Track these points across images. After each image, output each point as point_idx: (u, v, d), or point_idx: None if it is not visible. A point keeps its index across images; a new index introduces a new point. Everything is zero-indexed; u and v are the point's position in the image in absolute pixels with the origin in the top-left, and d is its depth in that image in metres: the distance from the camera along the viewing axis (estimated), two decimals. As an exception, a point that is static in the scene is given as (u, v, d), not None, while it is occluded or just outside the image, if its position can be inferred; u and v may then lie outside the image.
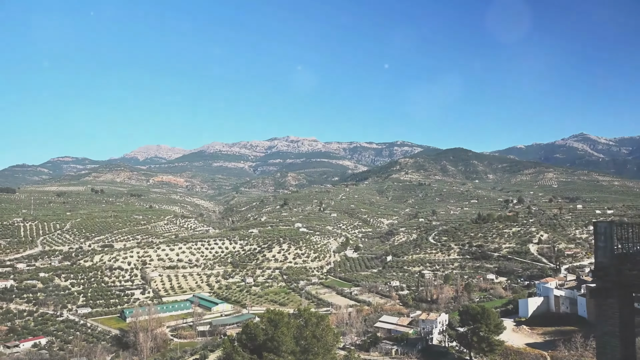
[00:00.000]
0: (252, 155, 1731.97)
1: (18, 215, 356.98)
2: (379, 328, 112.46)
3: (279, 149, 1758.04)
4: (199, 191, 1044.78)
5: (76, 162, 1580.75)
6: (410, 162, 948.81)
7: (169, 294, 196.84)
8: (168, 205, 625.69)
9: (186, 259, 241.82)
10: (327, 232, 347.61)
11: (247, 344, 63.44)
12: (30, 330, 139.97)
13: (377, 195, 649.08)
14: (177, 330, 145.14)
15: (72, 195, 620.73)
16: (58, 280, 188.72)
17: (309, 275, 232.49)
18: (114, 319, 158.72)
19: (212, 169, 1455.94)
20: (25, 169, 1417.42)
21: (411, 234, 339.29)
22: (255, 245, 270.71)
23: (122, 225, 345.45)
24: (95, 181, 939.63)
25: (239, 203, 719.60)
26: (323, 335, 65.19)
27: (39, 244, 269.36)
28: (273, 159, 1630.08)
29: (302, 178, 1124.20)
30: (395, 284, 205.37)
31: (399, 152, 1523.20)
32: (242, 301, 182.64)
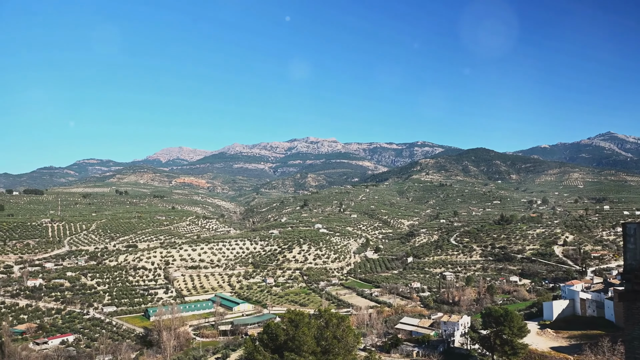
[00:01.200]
0: (272, 156, 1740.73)
1: (46, 216, 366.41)
2: (400, 329, 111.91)
3: (299, 150, 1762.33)
4: (220, 192, 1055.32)
5: (101, 164, 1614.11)
6: (431, 163, 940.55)
7: (191, 294, 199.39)
8: (190, 206, 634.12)
9: (208, 259, 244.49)
10: (347, 233, 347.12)
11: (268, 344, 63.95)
12: (58, 327, 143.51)
13: (398, 196, 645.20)
14: (200, 329, 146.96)
15: (98, 196, 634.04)
16: (84, 280, 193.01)
17: (329, 276, 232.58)
18: (138, 318, 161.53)
19: (233, 170, 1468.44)
20: (52, 171, 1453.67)
21: (432, 235, 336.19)
22: (276, 245, 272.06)
23: (146, 225, 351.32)
24: (120, 183, 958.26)
25: (259, 204, 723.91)
26: (344, 336, 65.27)
27: (66, 244, 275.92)
28: (293, 160, 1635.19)
29: (322, 179, 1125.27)
30: (416, 285, 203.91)
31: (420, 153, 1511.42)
32: (263, 301, 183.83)
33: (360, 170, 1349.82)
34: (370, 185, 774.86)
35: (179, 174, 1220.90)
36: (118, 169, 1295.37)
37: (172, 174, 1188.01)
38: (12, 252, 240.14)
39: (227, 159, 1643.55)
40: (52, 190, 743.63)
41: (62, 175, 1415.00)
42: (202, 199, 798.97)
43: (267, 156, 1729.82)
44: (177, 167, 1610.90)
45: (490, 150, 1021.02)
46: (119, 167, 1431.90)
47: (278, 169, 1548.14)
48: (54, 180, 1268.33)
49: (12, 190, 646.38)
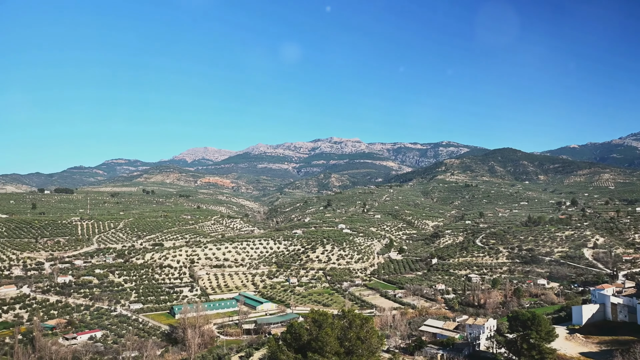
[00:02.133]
0: (296, 156, 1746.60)
1: (76, 214, 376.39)
2: (424, 332, 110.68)
3: (323, 150, 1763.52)
4: (244, 192, 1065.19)
5: (129, 164, 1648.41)
6: (456, 163, 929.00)
7: (215, 292, 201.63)
8: (215, 206, 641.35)
9: (232, 259, 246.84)
10: (371, 234, 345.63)
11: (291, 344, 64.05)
12: (87, 323, 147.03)
13: (422, 197, 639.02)
14: (224, 327, 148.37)
15: (125, 195, 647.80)
16: (112, 277, 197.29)
17: (353, 276, 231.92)
18: (164, 315, 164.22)
19: (257, 170, 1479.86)
20: (82, 171, 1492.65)
21: (457, 237, 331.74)
22: (299, 245, 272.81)
23: (172, 224, 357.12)
24: (147, 182, 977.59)
25: (283, 204, 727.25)
26: (367, 337, 64.87)
27: (95, 241, 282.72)
28: (316, 160, 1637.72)
29: (345, 179, 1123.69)
30: (440, 287, 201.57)
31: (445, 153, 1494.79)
32: (286, 301, 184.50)
33: (384, 170, 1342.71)
34: (394, 185, 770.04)
35: (204, 174, 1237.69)
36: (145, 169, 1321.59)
37: (197, 174, 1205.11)
38: (43, 250, 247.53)
39: (252, 159, 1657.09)
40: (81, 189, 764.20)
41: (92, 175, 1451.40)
42: (226, 198, 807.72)
43: (290, 156, 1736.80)
44: (203, 167, 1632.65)
45: (517, 150, 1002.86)
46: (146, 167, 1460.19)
47: (302, 169, 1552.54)
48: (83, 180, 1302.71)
49: (44, 189, 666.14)
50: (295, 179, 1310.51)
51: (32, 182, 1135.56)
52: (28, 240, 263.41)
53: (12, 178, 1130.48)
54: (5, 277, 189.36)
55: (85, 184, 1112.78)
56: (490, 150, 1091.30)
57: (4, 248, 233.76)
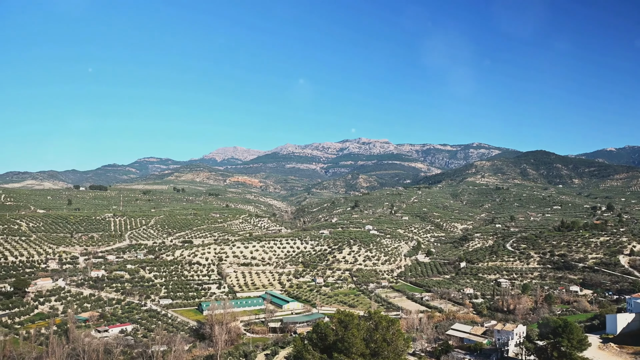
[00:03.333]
0: (324, 156, 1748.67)
1: (109, 210, 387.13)
2: (451, 336, 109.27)
3: (351, 150, 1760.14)
4: (272, 191, 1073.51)
5: (160, 163, 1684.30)
6: (487, 165, 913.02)
7: (242, 290, 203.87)
8: (243, 205, 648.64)
9: (259, 257, 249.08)
10: (398, 235, 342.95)
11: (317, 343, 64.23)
12: (118, 317, 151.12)
13: (451, 199, 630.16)
14: (250, 325, 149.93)
15: (157, 193, 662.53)
16: (143, 272, 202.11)
17: (379, 278, 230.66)
18: (192, 311, 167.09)
19: (285, 170, 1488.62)
20: (115, 169, 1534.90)
21: (487, 240, 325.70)
22: (326, 246, 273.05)
23: (201, 222, 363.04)
24: (177, 180, 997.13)
25: (310, 204, 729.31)
26: (393, 340, 64.48)
27: (127, 238, 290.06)
28: (344, 160, 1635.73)
29: (373, 180, 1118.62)
30: (468, 291, 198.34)
31: (475, 155, 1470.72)
32: (312, 300, 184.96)
33: (412, 171, 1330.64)
34: (422, 187, 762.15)
35: (233, 173, 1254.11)
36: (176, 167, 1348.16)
37: (226, 173, 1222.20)
38: (78, 244, 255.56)
39: (280, 159, 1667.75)
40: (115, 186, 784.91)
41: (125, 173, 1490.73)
42: (254, 197, 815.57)
43: (318, 156, 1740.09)
44: (232, 166, 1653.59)
45: (551, 152, 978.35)
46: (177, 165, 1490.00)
47: (329, 170, 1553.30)
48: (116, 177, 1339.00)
49: (79, 186, 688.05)
50: (322, 179, 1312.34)
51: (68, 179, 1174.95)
52: (64, 235, 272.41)
53: (49, 175, 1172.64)
54: (42, 270, 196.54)
55: (119, 182, 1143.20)
56: (523, 153, 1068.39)
57: (42, 242, 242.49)
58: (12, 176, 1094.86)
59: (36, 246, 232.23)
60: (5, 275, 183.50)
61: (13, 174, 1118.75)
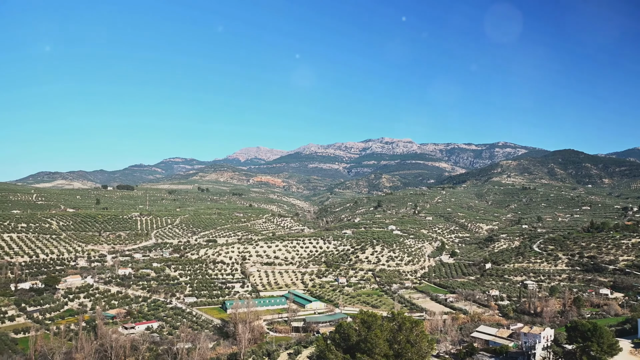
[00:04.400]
0: (347, 156, 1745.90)
1: (136, 210, 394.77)
2: (476, 338, 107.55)
3: (373, 150, 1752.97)
4: (294, 191, 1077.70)
5: (185, 163, 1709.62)
6: (513, 165, 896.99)
7: (265, 289, 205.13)
8: (266, 204, 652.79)
9: (282, 257, 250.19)
10: (422, 236, 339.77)
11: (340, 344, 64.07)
12: (144, 314, 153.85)
13: (476, 199, 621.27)
14: (273, 324, 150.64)
15: (182, 193, 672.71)
16: (168, 271, 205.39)
17: (402, 278, 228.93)
18: (216, 309, 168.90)
19: (308, 170, 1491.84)
20: (142, 169, 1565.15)
21: (513, 241, 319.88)
22: (349, 246, 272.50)
23: (225, 222, 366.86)
24: (202, 180, 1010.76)
25: (333, 204, 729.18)
26: (417, 341, 63.80)
27: (153, 236, 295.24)
28: (367, 160, 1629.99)
29: (396, 180, 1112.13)
30: (494, 293, 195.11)
31: (501, 154, 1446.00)
32: (335, 300, 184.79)
33: (436, 171, 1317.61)
34: (446, 187, 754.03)
35: (257, 173, 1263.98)
36: (200, 167, 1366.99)
37: (250, 173, 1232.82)
38: (106, 243, 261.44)
39: (302, 159, 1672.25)
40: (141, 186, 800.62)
41: (151, 173, 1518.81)
42: (277, 197, 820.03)
43: (341, 156, 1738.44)
44: (255, 166, 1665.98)
45: (580, 152, 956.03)
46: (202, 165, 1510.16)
47: (352, 169, 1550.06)
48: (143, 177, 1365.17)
49: (107, 186, 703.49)
50: (345, 179, 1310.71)
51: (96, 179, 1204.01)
52: (92, 233, 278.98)
53: (78, 175, 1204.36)
54: (71, 268, 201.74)
55: (145, 181, 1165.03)
56: (550, 152, 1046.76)
57: (71, 240, 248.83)
58: (43, 176, 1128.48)
59: (66, 244, 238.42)
60: (37, 272, 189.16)
61: (44, 174, 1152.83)
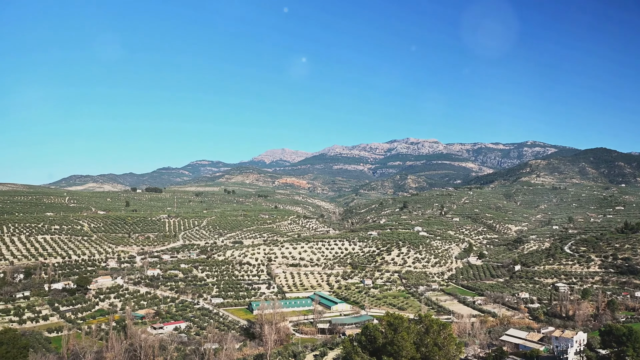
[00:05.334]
0: (372, 157, 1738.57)
1: (164, 212, 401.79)
2: (505, 342, 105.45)
3: (399, 151, 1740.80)
4: (320, 193, 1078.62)
5: (211, 165, 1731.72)
6: (542, 164, 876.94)
7: (291, 291, 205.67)
8: (291, 206, 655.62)
9: (308, 258, 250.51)
10: (449, 237, 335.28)
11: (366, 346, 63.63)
12: (172, 314, 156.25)
13: (504, 200, 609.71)
14: (299, 325, 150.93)
15: (208, 195, 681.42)
16: (196, 272, 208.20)
17: (429, 280, 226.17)
18: (243, 310, 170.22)
19: (333, 171, 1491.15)
20: (169, 171, 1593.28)
21: (543, 243, 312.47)
22: (374, 247, 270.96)
23: (251, 223, 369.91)
24: (228, 182, 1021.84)
25: (358, 205, 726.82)
26: (445, 344, 62.83)
27: (181, 238, 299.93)
28: (392, 161, 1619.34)
29: (422, 181, 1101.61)
30: (524, 295, 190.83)
31: (530, 153, 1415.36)
32: (361, 302, 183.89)
33: (463, 171, 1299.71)
34: (474, 187, 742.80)
35: (282, 175, 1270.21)
36: (226, 170, 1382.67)
37: (275, 175, 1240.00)
38: (135, 244, 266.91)
39: (327, 160, 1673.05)
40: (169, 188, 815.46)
41: (178, 175, 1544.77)
42: (302, 199, 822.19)
43: (366, 157, 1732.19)
44: (280, 168, 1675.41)
45: (612, 150, 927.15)
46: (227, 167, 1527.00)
47: (377, 170, 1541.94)
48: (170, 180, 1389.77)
49: (136, 188, 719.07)
50: (370, 180, 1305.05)
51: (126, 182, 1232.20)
52: (122, 235, 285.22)
53: (109, 178, 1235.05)
54: (102, 269, 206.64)
55: (173, 184, 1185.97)
56: (581, 151, 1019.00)
57: (102, 242, 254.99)
58: (75, 179, 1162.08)
59: (97, 246, 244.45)
60: (69, 273, 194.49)
61: (76, 177, 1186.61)
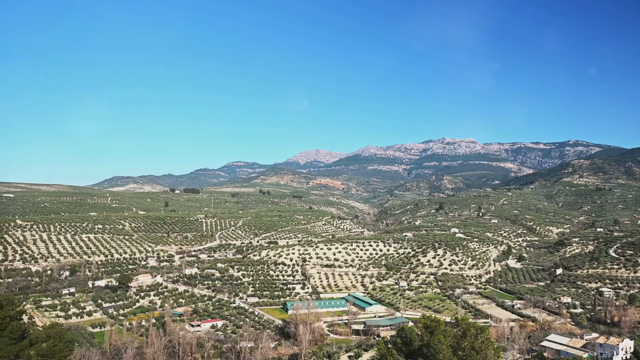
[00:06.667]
0: (406, 158, 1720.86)
1: (201, 212, 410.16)
2: (546, 347, 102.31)
3: (434, 151, 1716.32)
4: (354, 194, 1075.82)
5: (247, 166, 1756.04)
6: (585, 164, 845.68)
7: (325, 291, 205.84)
8: (326, 207, 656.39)
9: (342, 259, 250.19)
10: (487, 239, 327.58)
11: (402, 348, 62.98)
12: (209, 313, 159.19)
13: (545, 201, 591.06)
14: (333, 326, 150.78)
15: (244, 195, 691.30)
16: (232, 271, 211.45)
17: (466, 283, 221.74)
18: (278, 310, 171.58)
19: (367, 172, 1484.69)
20: (206, 173, 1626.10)
21: (586, 246, 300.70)
22: (410, 249, 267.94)
23: (285, 224, 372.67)
24: (263, 183, 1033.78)
25: (393, 206, 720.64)
26: (482, 348, 61.46)
27: (217, 238, 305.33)
28: (428, 161, 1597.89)
29: (458, 181, 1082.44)
30: (566, 300, 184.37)
31: (572, 153, 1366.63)
32: (396, 304, 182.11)
33: (501, 172, 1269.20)
34: (512, 188, 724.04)
35: (316, 176, 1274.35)
36: (262, 171, 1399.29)
37: (309, 176, 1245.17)
38: (173, 243, 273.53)
39: (361, 161, 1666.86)
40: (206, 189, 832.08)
41: (215, 176, 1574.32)
42: (337, 199, 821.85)
43: (401, 158, 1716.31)
44: (314, 169, 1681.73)
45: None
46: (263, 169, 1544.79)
47: (412, 171, 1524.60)
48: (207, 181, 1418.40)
49: (175, 189, 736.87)
50: (405, 180, 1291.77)
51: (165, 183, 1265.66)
52: (161, 234, 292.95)
53: (149, 179, 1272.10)
54: (142, 267, 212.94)
55: (209, 185, 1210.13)
56: (627, 150, 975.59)
57: (142, 241, 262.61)
58: (117, 180, 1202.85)
59: (138, 245, 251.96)
60: (111, 270, 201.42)
61: (118, 179, 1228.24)
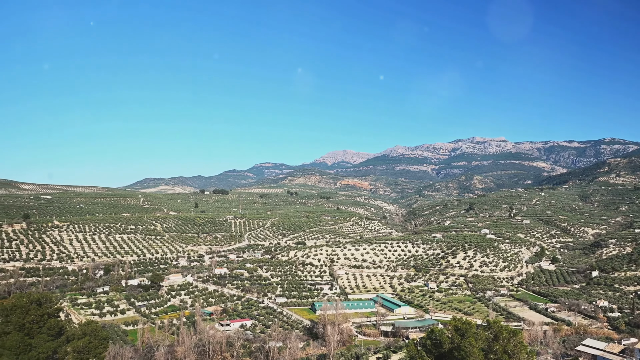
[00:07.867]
0: (435, 158, 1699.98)
1: (230, 213, 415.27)
2: (581, 352, 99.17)
3: (464, 150, 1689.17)
4: (382, 194, 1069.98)
5: (275, 167, 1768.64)
6: (622, 163, 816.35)
7: (353, 292, 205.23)
8: (353, 207, 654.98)
9: (370, 260, 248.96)
10: (519, 240, 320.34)
11: (431, 350, 62.03)
12: (238, 312, 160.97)
13: (580, 201, 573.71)
14: (361, 327, 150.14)
15: (272, 196, 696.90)
16: (260, 271, 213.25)
17: (497, 285, 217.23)
18: (306, 310, 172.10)
19: (395, 172, 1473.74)
20: (235, 174, 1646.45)
21: (624, 247, 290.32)
22: (439, 250, 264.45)
23: (313, 224, 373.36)
24: (290, 184, 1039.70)
25: (421, 206, 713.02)
26: (515, 352, 59.91)
27: (246, 238, 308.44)
28: (457, 161, 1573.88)
29: (489, 181, 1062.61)
30: (602, 303, 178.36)
31: (608, 151, 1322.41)
32: (425, 306, 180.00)
33: (533, 171, 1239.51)
34: (545, 188, 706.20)
35: (343, 176, 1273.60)
36: (289, 172, 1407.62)
37: (336, 176, 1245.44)
38: (203, 244, 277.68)
39: (389, 161, 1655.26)
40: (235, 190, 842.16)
41: (243, 177, 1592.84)
42: (364, 200, 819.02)
43: (429, 158, 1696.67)
44: (342, 169, 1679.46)
45: None
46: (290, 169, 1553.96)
47: (441, 171, 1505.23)
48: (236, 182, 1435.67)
49: (204, 190, 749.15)
50: (434, 181, 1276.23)
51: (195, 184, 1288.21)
52: (191, 235, 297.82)
53: (179, 180, 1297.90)
54: (173, 267, 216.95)
55: (238, 186, 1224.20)
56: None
57: (173, 241, 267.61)
58: (148, 182, 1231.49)
59: (169, 245, 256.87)
60: (144, 270, 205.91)
61: (149, 180, 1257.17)
